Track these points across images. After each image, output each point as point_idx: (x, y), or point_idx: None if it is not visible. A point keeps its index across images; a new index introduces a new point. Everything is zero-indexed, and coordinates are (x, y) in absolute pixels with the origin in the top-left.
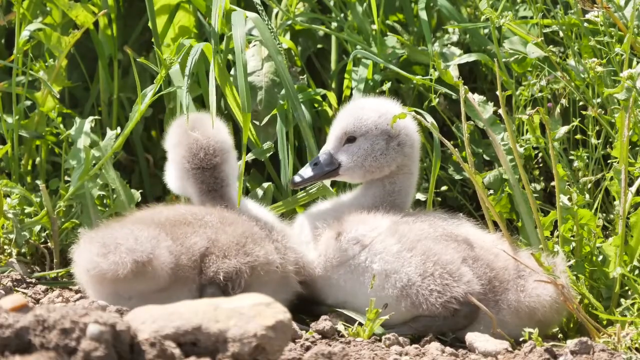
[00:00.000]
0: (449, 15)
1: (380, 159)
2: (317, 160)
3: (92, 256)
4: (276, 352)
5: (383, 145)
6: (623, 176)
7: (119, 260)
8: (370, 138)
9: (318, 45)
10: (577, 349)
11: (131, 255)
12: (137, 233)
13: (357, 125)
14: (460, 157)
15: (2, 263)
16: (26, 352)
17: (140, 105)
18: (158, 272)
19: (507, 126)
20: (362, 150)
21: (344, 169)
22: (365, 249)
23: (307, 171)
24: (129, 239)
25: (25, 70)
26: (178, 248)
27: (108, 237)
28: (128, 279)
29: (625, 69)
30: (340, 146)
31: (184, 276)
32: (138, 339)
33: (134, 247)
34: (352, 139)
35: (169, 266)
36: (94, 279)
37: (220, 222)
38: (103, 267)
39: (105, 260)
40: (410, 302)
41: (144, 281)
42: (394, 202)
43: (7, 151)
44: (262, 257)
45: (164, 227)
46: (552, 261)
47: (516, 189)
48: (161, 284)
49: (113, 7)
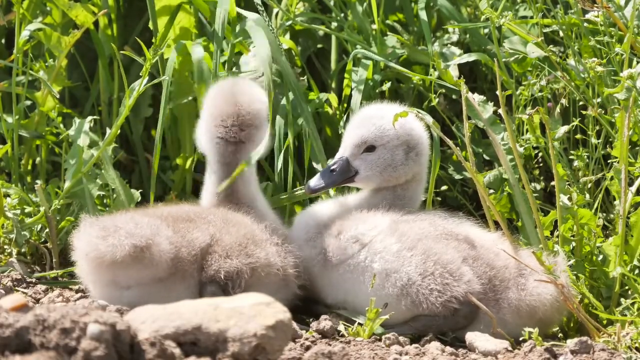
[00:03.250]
0: (449, 15)
1: (400, 169)
2: (333, 166)
3: (91, 238)
4: (276, 352)
5: (402, 156)
6: (623, 176)
7: (118, 243)
8: (390, 148)
9: (318, 45)
10: (577, 348)
11: (130, 239)
12: (138, 219)
13: (378, 135)
14: (461, 156)
15: (2, 263)
16: (26, 352)
17: (129, 100)
18: (156, 259)
19: (507, 126)
20: (382, 160)
21: (360, 177)
22: (365, 247)
23: (323, 178)
24: (129, 223)
25: (25, 70)
26: (178, 240)
27: (108, 222)
28: (126, 264)
29: (625, 68)
30: (357, 154)
31: (183, 269)
32: (138, 338)
33: (134, 231)
34: (372, 148)
35: (167, 255)
36: (92, 264)
37: (224, 222)
38: (101, 249)
39: (104, 242)
40: (411, 301)
41: (141, 268)
42: (402, 206)
43: (7, 151)
44: (263, 258)
45: (165, 219)
46: (553, 260)
47: (516, 189)
48: (159, 273)
49: (113, 7)
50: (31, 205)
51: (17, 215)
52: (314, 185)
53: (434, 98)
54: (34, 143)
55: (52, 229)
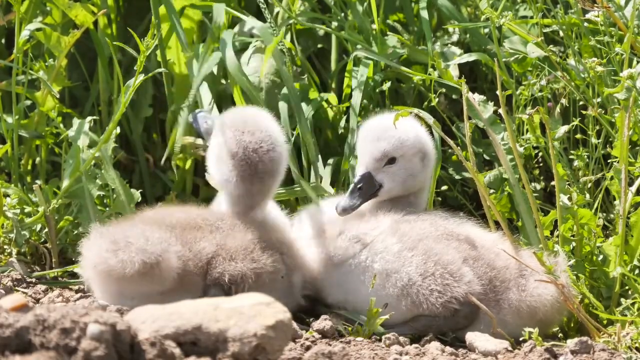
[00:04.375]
0: (449, 14)
1: (419, 177)
2: (359, 184)
3: (102, 252)
4: (276, 352)
5: (419, 164)
6: (623, 176)
7: (128, 258)
8: (409, 158)
9: (318, 45)
10: (578, 348)
11: (140, 255)
12: (149, 234)
13: (398, 146)
14: (462, 156)
15: (2, 263)
16: (26, 352)
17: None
18: (164, 276)
19: (507, 126)
20: (403, 171)
21: (384, 190)
22: (366, 247)
23: (352, 198)
24: (140, 238)
25: (25, 70)
26: (186, 254)
27: (119, 235)
28: (134, 279)
29: (625, 68)
30: (380, 168)
31: (189, 282)
32: (138, 338)
33: (144, 248)
34: (393, 160)
35: (176, 271)
36: (100, 275)
37: (231, 229)
38: (111, 264)
39: (114, 257)
40: (411, 301)
41: (149, 283)
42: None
43: (7, 151)
44: (268, 265)
45: (174, 230)
46: (553, 260)
47: (516, 189)
48: (166, 287)
49: (113, 7)
50: (30, 205)
51: (16, 215)
52: (345, 206)
53: (434, 98)
54: (34, 143)
55: (51, 229)
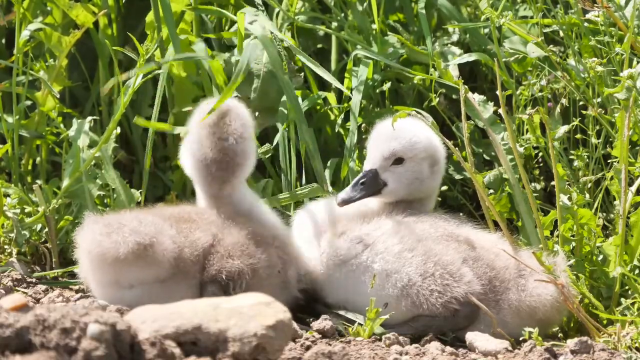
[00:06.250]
0: (449, 14)
1: (426, 183)
2: (363, 179)
3: (95, 235)
4: (276, 352)
5: (428, 169)
6: (623, 176)
7: (121, 239)
8: (418, 162)
9: (318, 45)
10: (577, 348)
11: (134, 236)
12: (142, 217)
13: (408, 147)
14: (460, 157)
15: (3, 263)
16: (26, 352)
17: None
18: (159, 258)
19: (507, 126)
20: (410, 173)
21: (388, 189)
22: (368, 248)
23: (354, 191)
24: (133, 221)
25: (25, 70)
26: (181, 240)
27: (112, 219)
28: (128, 261)
29: (626, 68)
30: (386, 166)
31: (185, 270)
32: (138, 338)
33: (138, 229)
34: (400, 161)
35: (170, 254)
36: (95, 262)
37: (225, 223)
38: (105, 246)
39: (108, 239)
40: (411, 302)
41: (144, 266)
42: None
43: (7, 151)
44: (264, 260)
45: (168, 219)
46: (553, 260)
47: (516, 189)
48: (162, 273)
49: (113, 7)
50: (31, 205)
51: (17, 215)
52: (344, 198)
53: (434, 98)
54: (34, 143)
55: (51, 229)
